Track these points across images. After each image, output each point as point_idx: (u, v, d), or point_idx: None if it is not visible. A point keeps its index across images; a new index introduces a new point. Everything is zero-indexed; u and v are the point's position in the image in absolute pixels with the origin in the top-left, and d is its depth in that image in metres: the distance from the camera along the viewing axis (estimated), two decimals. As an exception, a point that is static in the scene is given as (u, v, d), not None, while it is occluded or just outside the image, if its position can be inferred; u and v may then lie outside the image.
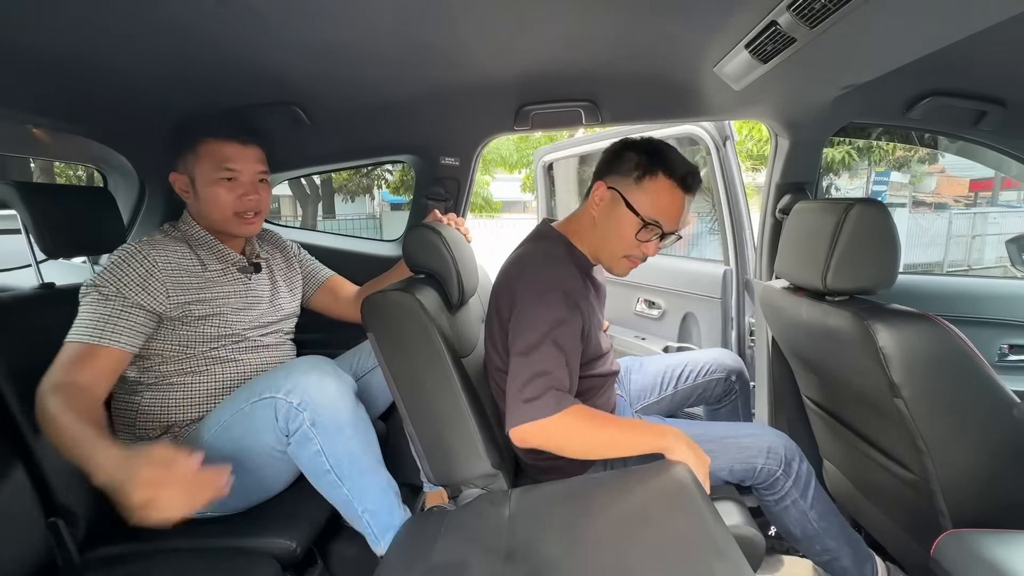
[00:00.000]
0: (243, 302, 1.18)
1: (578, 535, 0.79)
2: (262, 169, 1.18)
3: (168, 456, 0.73)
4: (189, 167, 1.13)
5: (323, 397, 0.97)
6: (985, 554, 0.81)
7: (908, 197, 13.15)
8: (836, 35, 0.79)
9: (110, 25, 0.84)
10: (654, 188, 1.01)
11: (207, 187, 1.13)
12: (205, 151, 1.12)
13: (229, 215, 1.14)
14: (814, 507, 1.06)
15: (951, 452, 0.91)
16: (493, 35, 0.97)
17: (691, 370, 1.37)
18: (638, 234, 1.02)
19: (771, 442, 1.06)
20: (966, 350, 0.88)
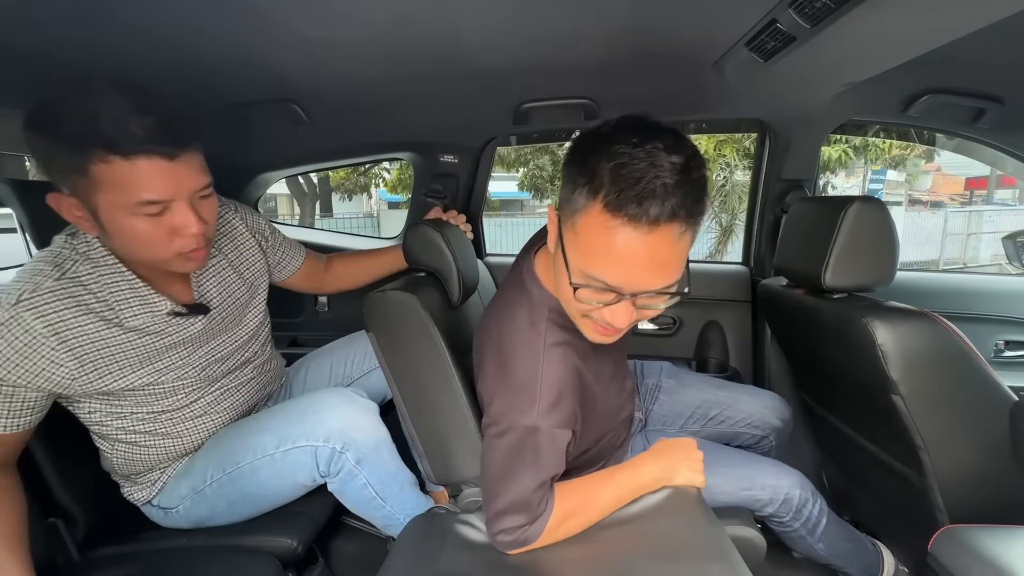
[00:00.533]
0: (185, 344, 0.92)
1: (578, 540, 0.79)
2: (203, 184, 0.80)
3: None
4: (80, 191, 0.74)
5: (362, 434, 0.96)
6: (982, 549, 0.81)
7: (904, 195, 13.21)
8: (837, 33, 0.79)
9: (108, 23, 0.84)
10: (587, 225, 0.63)
11: (120, 223, 0.76)
12: (106, 174, 0.71)
13: (166, 255, 0.81)
14: (822, 540, 1.04)
15: (948, 448, 0.91)
16: (491, 32, 0.96)
17: (729, 415, 1.17)
18: (576, 293, 0.67)
19: (787, 489, 0.99)
20: (964, 347, 0.89)
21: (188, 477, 0.99)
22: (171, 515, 1.00)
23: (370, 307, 1.03)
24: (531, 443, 0.73)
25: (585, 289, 0.66)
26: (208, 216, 0.84)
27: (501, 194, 12.33)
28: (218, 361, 1.00)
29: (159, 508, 1.00)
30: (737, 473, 1.00)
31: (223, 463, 0.97)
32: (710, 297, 1.69)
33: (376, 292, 1.03)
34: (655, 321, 1.74)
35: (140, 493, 1.00)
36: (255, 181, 1.74)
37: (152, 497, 1.00)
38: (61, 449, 0.99)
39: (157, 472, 0.99)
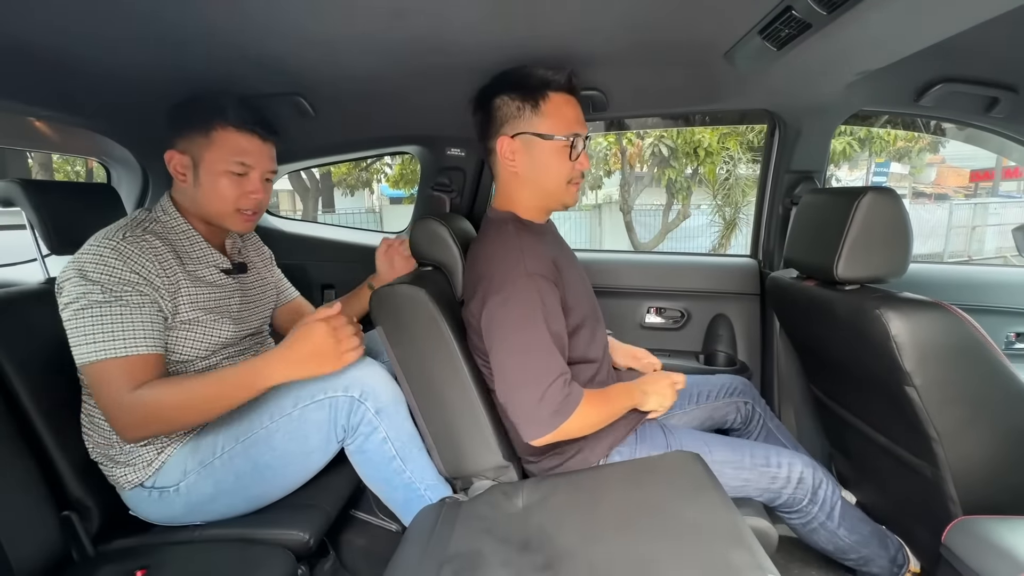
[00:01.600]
0: (234, 306, 1.10)
1: (593, 524, 0.79)
2: (273, 168, 1.10)
3: (323, 329, 0.91)
4: (195, 149, 1.02)
5: (379, 384, 0.98)
6: (996, 540, 0.81)
7: (908, 188, 13.13)
8: (853, 20, 0.78)
9: (112, 16, 0.83)
10: (554, 107, 1.00)
11: (212, 176, 1.02)
12: (220, 138, 1.01)
13: (229, 210, 1.05)
14: (842, 524, 1.05)
15: (963, 439, 0.91)
16: (498, 24, 0.95)
17: (709, 390, 1.29)
18: (570, 155, 1.00)
19: (801, 471, 1.03)
20: (979, 338, 0.88)
21: (195, 452, 0.99)
22: (167, 497, 0.98)
23: (378, 301, 1.03)
24: (534, 295, 0.90)
25: (572, 148, 1.00)
26: (267, 194, 1.11)
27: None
28: (250, 334, 1.14)
29: (153, 489, 0.99)
30: (754, 453, 1.04)
31: (237, 432, 0.98)
32: (718, 290, 1.68)
33: (384, 286, 1.03)
34: (662, 315, 1.74)
35: (133, 474, 0.98)
36: (261, 176, 1.74)
37: (145, 479, 0.98)
38: (74, 444, 1.00)
39: (154, 451, 0.99)
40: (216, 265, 1.09)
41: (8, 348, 0.97)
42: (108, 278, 0.90)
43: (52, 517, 0.94)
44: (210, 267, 1.07)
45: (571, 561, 0.72)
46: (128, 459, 0.98)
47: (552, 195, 1.04)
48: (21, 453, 0.94)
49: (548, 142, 0.99)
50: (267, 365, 0.91)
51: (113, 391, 0.88)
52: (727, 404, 1.28)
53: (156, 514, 1.01)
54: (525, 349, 0.88)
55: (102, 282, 0.90)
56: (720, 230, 8.42)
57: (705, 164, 7.40)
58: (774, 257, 1.59)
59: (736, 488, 1.01)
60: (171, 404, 0.90)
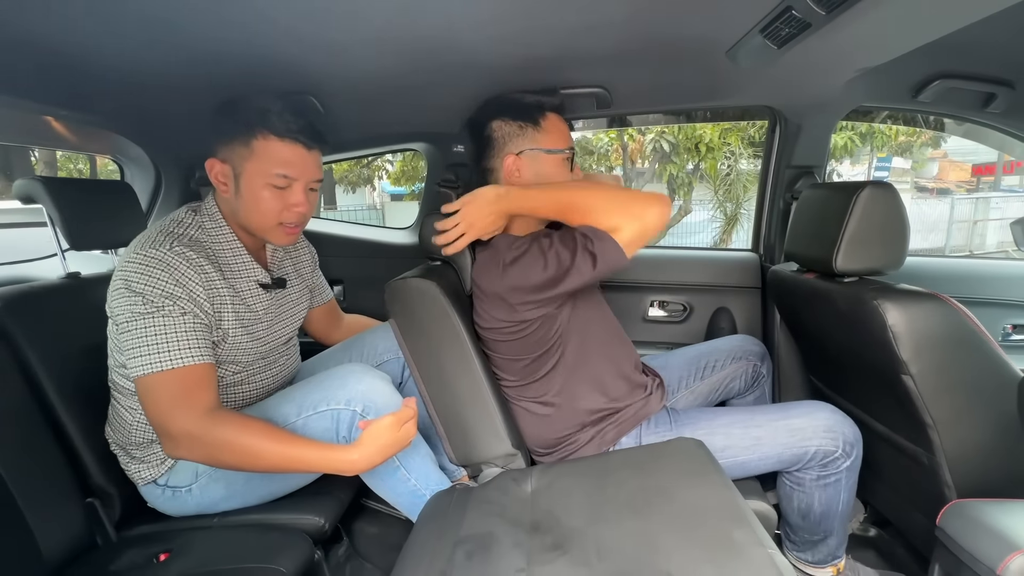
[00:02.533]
0: (267, 321, 1.08)
1: (600, 506, 0.82)
2: (318, 177, 1.04)
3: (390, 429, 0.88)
4: (236, 159, 0.97)
5: (382, 398, 0.97)
6: (989, 522, 0.84)
7: (910, 183, 13.11)
8: (852, 19, 0.81)
9: (123, 17, 0.85)
10: (552, 125, 1.10)
11: (254, 188, 0.98)
12: (263, 148, 0.96)
13: (272, 223, 1.00)
14: (848, 490, 1.05)
15: (958, 426, 0.94)
16: (503, 22, 0.97)
17: (715, 359, 1.30)
18: (570, 167, 1.12)
19: (828, 421, 1.01)
20: (974, 328, 0.91)
21: None
22: (179, 495, 1.01)
23: (392, 294, 1.06)
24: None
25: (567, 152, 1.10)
26: (312, 204, 1.05)
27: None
28: (280, 346, 1.14)
29: (166, 487, 1.01)
30: (765, 409, 1.06)
31: None
32: (720, 284, 1.70)
33: (397, 280, 1.06)
34: (665, 308, 1.77)
35: (147, 471, 1.01)
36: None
37: (159, 476, 1.01)
38: (97, 434, 1.03)
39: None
40: (256, 279, 1.07)
41: (33, 342, 1.00)
42: (152, 290, 0.89)
43: (77, 504, 0.98)
44: (250, 281, 1.05)
45: (580, 541, 0.75)
46: (143, 456, 1.01)
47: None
48: (47, 443, 0.98)
49: (552, 156, 1.08)
50: (337, 460, 0.88)
51: (163, 404, 0.86)
52: (734, 370, 1.29)
53: (170, 509, 1.03)
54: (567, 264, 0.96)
55: (145, 293, 0.88)
56: (722, 225, 8.43)
57: (706, 160, 7.40)
58: (775, 251, 1.62)
59: (748, 449, 1.00)
60: (238, 448, 0.87)
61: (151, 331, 0.88)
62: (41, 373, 1.00)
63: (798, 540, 1.13)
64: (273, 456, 0.87)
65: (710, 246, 7.79)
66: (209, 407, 0.88)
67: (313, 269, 1.31)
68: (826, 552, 1.11)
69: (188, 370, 0.88)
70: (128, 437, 1.00)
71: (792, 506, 1.08)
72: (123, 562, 0.93)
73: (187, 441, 0.86)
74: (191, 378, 0.88)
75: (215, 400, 0.91)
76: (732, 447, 1.00)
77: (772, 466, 1.03)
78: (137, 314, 0.88)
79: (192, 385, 0.88)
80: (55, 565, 0.90)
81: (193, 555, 0.92)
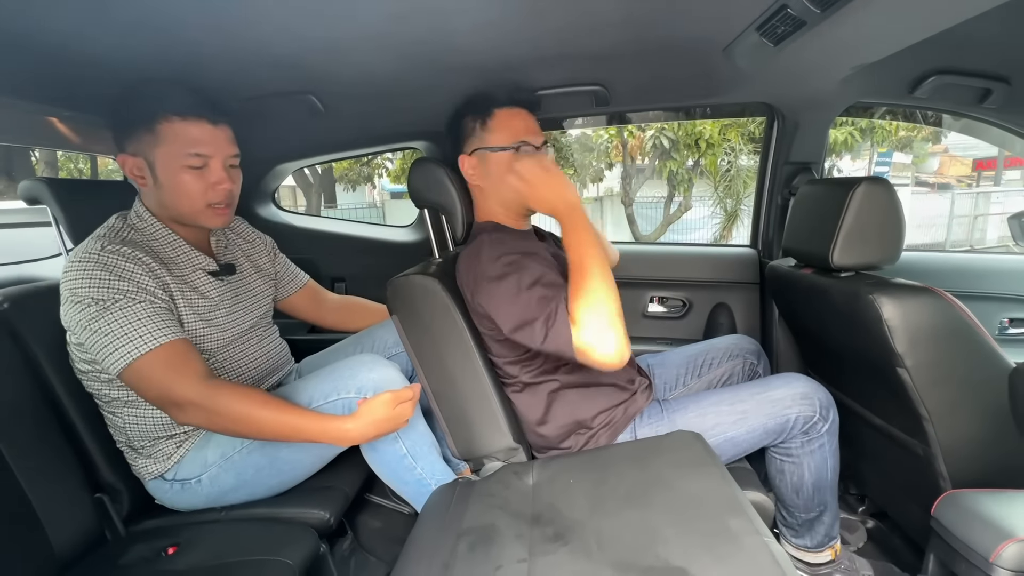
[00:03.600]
0: (223, 310, 1.07)
1: (600, 498, 0.84)
2: (234, 152, 1.03)
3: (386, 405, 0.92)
4: (145, 148, 0.96)
5: (391, 385, 0.98)
6: (983, 511, 0.86)
7: (911, 178, 13.10)
8: (846, 17, 0.82)
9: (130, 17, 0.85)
10: (499, 122, 1.09)
11: (171, 174, 0.96)
12: (168, 131, 0.94)
13: (200, 206, 1.00)
14: (833, 455, 1.08)
15: (952, 418, 0.95)
16: (502, 22, 0.99)
17: (712, 357, 1.31)
18: (518, 152, 1.08)
19: (803, 389, 1.05)
20: (967, 321, 0.92)
21: (216, 445, 1.02)
22: (188, 488, 1.02)
23: (394, 291, 1.07)
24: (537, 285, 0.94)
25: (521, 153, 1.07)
26: (235, 180, 1.04)
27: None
28: (248, 331, 1.13)
29: (174, 481, 1.02)
30: (749, 386, 1.09)
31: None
32: (719, 280, 1.72)
33: (399, 277, 1.07)
34: (664, 304, 1.78)
35: (154, 466, 1.02)
36: (273, 172, 1.78)
37: (166, 471, 1.02)
38: (104, 432, 1.05)
39: (173, 444, 1.02)
40: (203, 268, 1.06)
41: (40, 341, 1.02)
42: (99, 290, 0.88)
43: (86, 499, 1.00)
44: (196, 271, 1.05)
45: (580, 531, 0.76)
46: (150, 452, 1.02)
47: (510, 204, 1.10)
48: (56, 439, 0.99)
49: (496, 154, 1.07)
50: (334, 429, 0.92)
51: (158, 382, 0.88)
52: (730, 367, 1.30)
53: (178, 503, 1.05)
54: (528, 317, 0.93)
55: (93, 296, 0.88)
56: (722, 221, 8.44)
57: (706, 156, 7.40)
58: (773, 246, 1.63)
59: (736, 423, 1.03)
60: (237, 415, 0.90)
61: (115, 324, 0.87)
62: (49, 371, 1.01)
63: (795, 523, 1.15)
64: (272, 422, 0.90)
65: (709, 242, 7.79)
66: (204, 373, 0.91)
67: (273, 259, 1.30)
68: (823, 533, 1.13)
69: (168, 346, 0.89)
70: (128, 438, 1.02)
71: (786, 483, 1.11)
72: (132, 555, 0.94)
73: (192, 408, 0.89)
74: (175, 352, 0.90)
75: (206, 368, 0.93)
76: (721, 423, 1.03)
77: (759, 438, 1.05)
78: (93, 316, 0.88)
79: (179, 358, 0.90)
80: (66, 559, 0.92)
81: (201, 548, 0.94)
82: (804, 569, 1.17)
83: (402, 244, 1.88)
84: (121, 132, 0.98)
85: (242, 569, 0.87)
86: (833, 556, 1.15)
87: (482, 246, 1.04)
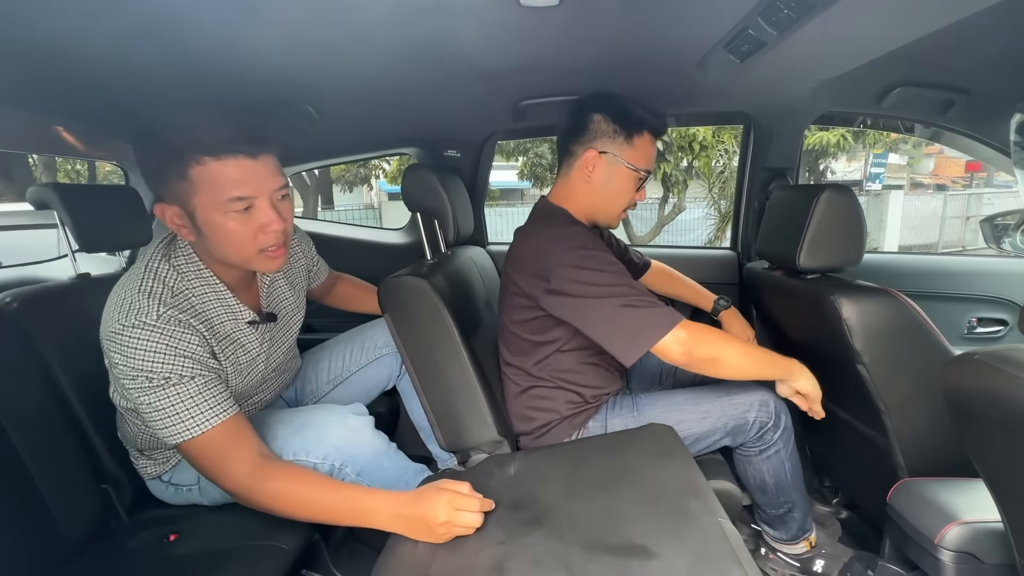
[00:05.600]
0: (263, 355, 1.05)
1: (575, 486, 0.90)
2: (281, 184, 0.89)
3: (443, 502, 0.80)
4: (181, 197, 0.84)
5: (360, 450, 0.98)
6: (931, 497, 0.92)
7: (906, 179, 13.20)
8: (802, 37, 0.88)
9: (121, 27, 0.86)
10: (643, 144, 1.13)
11: (214, 223, 0.85)
12: (202, 176, 0.82)
13: (251, 253, 0.89)
14: (790, 459, 1.16)
15: (907, 411, 1.02)
16: (490, 35, 1.03)
17: None
18: (637, 187, 1.15)
19: (762, 396, 1.12)
20: (920, 320, 0.99)
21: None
22: (182, 492, 1.05)
23: (385, 291, 1.13)
24: (617, 282, 0.98)
25: (643, 174, 1.14)
26: (287, 216, 0.91)
27: (501, 184, 12.35)
28: (274, 371, 1.11)
29: (170, 484, 1.06)
30: (714, 389, 1.15)
31: None
32: (700, 281, 1.77)
33: (391, 277, 1.13)
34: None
35: (152, 468, 1.06)
36: (268, 177, 1.82)
37: (163, 473, 1.06)
38: (109, 426, 1.10)
39: (172, 451, 1.04)
40: (243, 319, 0.99)
41: (49, 339, 1.07)
42: (154, 365, 0.83)
43: (92, 489, 1.05)
44: (238, 323, 0.98)
45: (555, 515, 0.82)
46: (150, 453, 1.06)
47: (604, 212, 1.17)
48: (64, 433, 1.04)
49: (628, 170, 1.12)
50: (378, 509, 0.84)
51: (209, 467, 0.87)
52: None
53: (175, 502, 1.09)
54: (611, 311, 0.96)
55: (148, 371, 0.83)
56: (716, 223, 8.50)
57: (700, 158, 7.46)
58: (751, 249, 1.69)
59: (699, 421, 1.10)
60: (288, 499, 0.86)
61: (168, 402, 0.83)
62: (56, 368, 1.06)
63: (768, 518, 1.22)
64: (326, 504, 0.85)
65: (692, 244, 7.84)
66: (253, 457, 0.87)
67: (307, 264, 1.27)
68: (796, 527, 1.20)
69: (220, 429, 0.85)
70: (135, 440, 1.06)
71: (751, 483, 1.19)
72: (135, 542, 1.00)
73: (240, 497, 0.88)
74: (226, 435, 0.86)
75: (257, 447, 0.88)
76: (685, 421, 1.10)
77: (720, 437, 1.12)
78: (145, 389, 0.83)
79: (229, 442, 0.86)
80: (73, 545, 0.97)
81: (200, 535, 0.99)
82: (788, 558, 1.23)
83: (395, 246, 1.94)
84: (153, 180, 0.87)
85: (239, 553, 0.93)
86: (808, 547, 1.21)
87: (560, 229, 1.08)
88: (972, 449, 0.67)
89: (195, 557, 0.93)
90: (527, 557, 0.73)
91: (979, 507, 0.86)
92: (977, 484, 0.76)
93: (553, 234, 1.07)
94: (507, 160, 10.76)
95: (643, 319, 0.95)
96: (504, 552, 0.76)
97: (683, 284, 1.50)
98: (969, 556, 0.84)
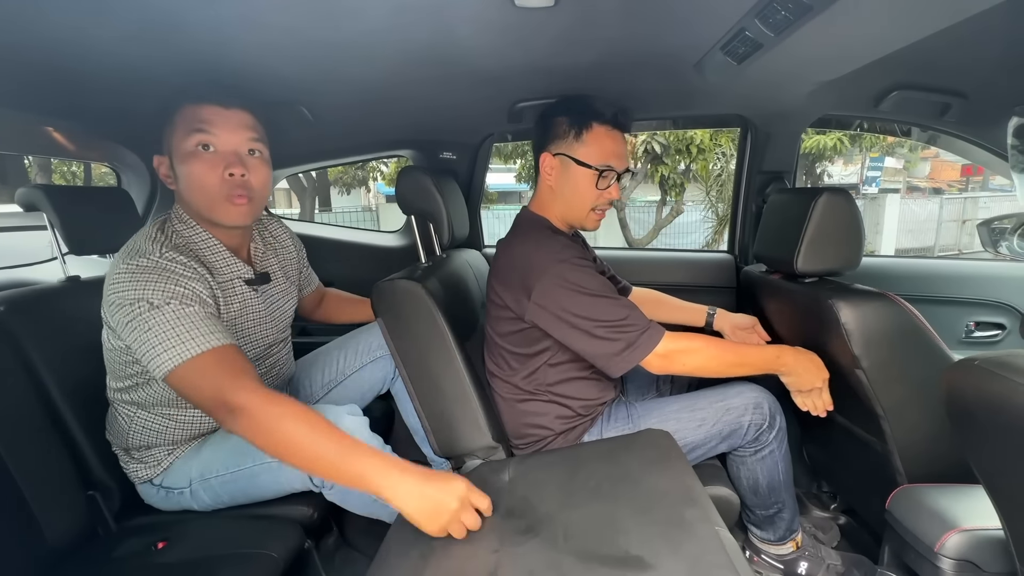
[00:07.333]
0: (255, 320, 1.07)
1: (570, 493, 0.88)
2: (251, 136, 0.97)
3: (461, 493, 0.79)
4: (168, 143, 0.96)
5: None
6: (931, 504, 0.91)
7: (902, 182, 13.26)
8: (800, 40, 0.87)
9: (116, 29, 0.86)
10: (595, 139, 1.09)
11: (183, 165, 0.94)
12: (180, 117, 0.94)
13: (218, 197, 0.94)
14: (784, 459, 1.15)
15: (906, 416, 1.01)
16: (486, 38, 1.03)
17: None
18: (598, 184, 1.10)
19: (756, 398, 1.12)
20: (919, 324, 0.98)
21: (198, 462, 1.03)
22: (173, 496, 1.05)
23: (379, 295, 1.11)
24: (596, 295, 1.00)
25: (602, 178, 1.09)
26: (257, 173, 0.99)
27: (499, 186, 12.36)
28: (272, 345, 1.12)
29: (161, 487, 1.05)
30: (708, 394, 1.15)
31: (227, 462, 1.01)
32: (698, 284, 1.77)
33: (384, 281, 1.11)
34: (645, 308, 1.83)
35: (143, 471, 1.05)
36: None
37: (154, 476, 1.05)
38: (98, 432, 1.09)
39: (164, 451, 1.04)
40: (239, 276, 1.04)
41: (36, 342, 1.05)
42: (153, 293, 0.85)
43: (79, 496, 1.03)
44: (235, 279, 1.03)
45: (549, 524, 0.81)
46: (141, 457, 1.05)
47: (575, 216, 1.15)
48: (51, 438, 1.02)
49: (581, 168, 1.09)
50: (390, 474, 0.78)
51: (209, 385, 0.82)
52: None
53: (165, 507, 1.08)
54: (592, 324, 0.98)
55: (147, 298, 0.85)
56: (713, 226, 8.52)
57: (697, 161, 7.47)
58: (748, 252, 1.68)
59: (695, 430, 1.10)
60: (302, 421, 0.80)
61: (167, 325, 0.83)
62: (44, 372, 1.05)
63: (757, 519, 1.21)
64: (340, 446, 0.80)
65: (690, 248, 7.86)
66: (258, 380, 0.84)
67: (299, 263, 1.30)
68: (784, 528, 1.19)
69: (221, 350, 0.84)
70: (126, 441, 1.05)
71: (743, 484, 1.18)
72: (123, 550, 0.98)
73: (244, 416, 0.80)
74: (227, 357, 0.84)
75: (259, 378, 0.86)
76: (681, 430, 1.09)
77: (716, 444, 1.12)
78: (144, 316, 0.84)
79: (232, 362, 0.84)
80: (59, 553, 0.95)
81: (189, 543, 0.97)
82: (772, 559, 1.22)
83: (390, 249, 1.93)
84: (160, 137, 0.98)
85: (229, 562, 0.91)
86: (795, 547, 1.20)
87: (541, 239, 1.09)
88: (972, 455, 0.66)
89: (183, 566, 0.91)
90: (521, 566, 0.72)
91: (979, 514, 0.85)
92: (977, 491, 0.75)
93: (535, 245, 1.07)
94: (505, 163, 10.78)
95: (624, 339, 0.97)
96: (497, 561, 0.74)
97: (670, 307, 1.46)
98: (969, 564, 0.83)
